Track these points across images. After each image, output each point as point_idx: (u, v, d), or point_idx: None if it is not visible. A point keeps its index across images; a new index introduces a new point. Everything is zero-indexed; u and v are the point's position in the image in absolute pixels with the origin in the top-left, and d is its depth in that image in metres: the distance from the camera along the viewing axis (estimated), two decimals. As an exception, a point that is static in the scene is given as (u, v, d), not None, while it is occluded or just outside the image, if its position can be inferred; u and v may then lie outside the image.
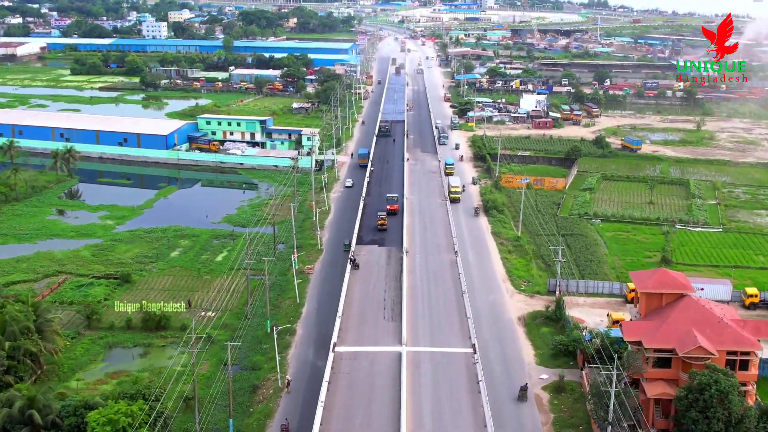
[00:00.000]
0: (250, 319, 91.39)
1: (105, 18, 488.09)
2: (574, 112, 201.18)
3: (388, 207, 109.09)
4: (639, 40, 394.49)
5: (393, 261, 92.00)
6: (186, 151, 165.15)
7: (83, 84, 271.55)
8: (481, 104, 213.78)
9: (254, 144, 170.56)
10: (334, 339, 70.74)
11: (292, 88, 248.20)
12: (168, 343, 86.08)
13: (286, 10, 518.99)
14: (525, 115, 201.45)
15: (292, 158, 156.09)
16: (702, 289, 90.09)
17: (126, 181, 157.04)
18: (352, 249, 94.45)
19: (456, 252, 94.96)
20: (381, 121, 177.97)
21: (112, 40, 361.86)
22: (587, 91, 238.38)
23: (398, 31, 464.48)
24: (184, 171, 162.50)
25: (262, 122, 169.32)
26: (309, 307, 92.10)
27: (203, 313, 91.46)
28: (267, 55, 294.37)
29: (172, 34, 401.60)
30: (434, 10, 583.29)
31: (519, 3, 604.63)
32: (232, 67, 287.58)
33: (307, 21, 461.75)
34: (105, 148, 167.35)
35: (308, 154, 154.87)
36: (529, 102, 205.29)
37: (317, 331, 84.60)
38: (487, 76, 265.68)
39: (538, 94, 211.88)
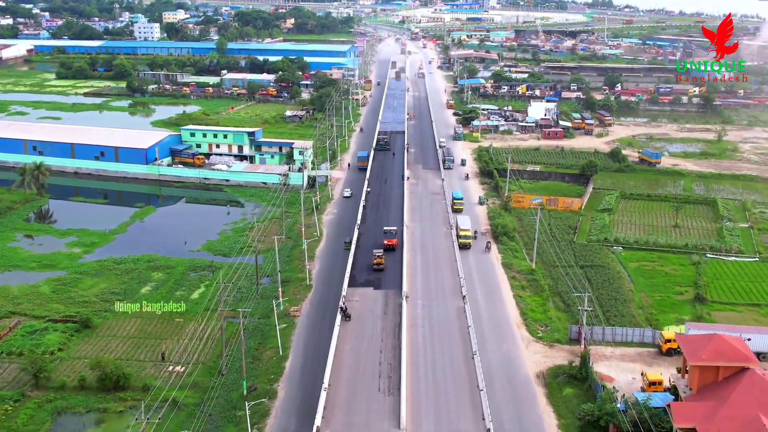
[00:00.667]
0: (225, 375, 78.76)
1: (97, 19, 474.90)
2: (586, 121, 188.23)
3: (386, 242, 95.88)
4: (647, 42, 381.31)
5: (390, 309, 79.16)
6: (168, 165, 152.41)
7: (68, 89, 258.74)
8: (486, 112, 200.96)
9: (242, 158, 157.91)
10: (318, 422, 58.00)
11: (286, 94, 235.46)
12: (127, 408, 73.43)
13: (283, 11, 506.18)
14: (533, 125, 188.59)
15: (282, 175, 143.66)
16: (749, 339, 77.78)
17: (101, 200, 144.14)
18: (343, 294, 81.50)
19: (464, 297, 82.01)
20: (379, 133, 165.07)
21: (102, 42, 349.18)
22: (598, 96, 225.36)
23: (398, 32, 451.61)
24: (165, 188, 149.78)
25: (251, 134, 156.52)
26: (293, 360, 79.37)
27: (171, 368, 78.89)
28: (261, 58, 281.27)
29: (165, 35, 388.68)
30: (435, 10, 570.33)
31: (522, 3, 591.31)
32: (224, 71, 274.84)
33: (305, 22, 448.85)
34: (80, 162, 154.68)
35: (299, 170, 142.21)
36: (537, 110, 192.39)
37: (302, 394, 71.93)
38: (492, 81, 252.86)
39: (547, 101, 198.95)
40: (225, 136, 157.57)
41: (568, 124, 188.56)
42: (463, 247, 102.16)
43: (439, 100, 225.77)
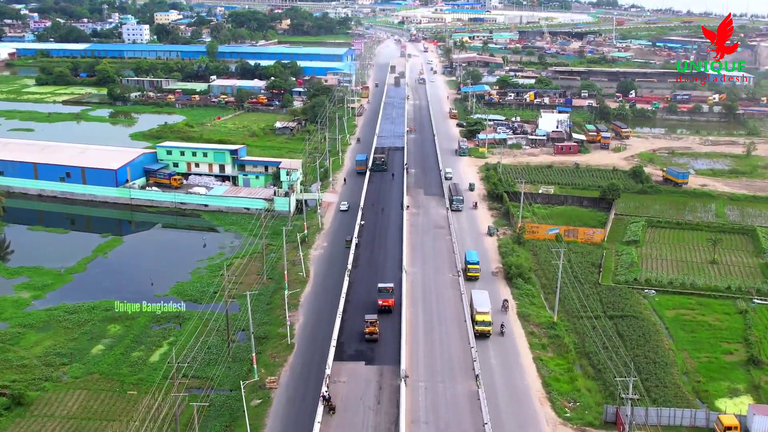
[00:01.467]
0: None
1: (86, 20, 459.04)
2: (602, 134, 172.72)
3: (380, 302, 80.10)
4: (657, 43, 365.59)
5: (386, 396, 63.65)
6: (141, 187, 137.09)
7: (47, 96, 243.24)
8: (492, 123, 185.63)
9: (224, 178, 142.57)
10: None
11: (277, 102, 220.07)
12: None
13: (279, 11, 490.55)
14: (544, 138, 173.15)
15: (267, 199, 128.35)
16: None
17: (62, 230, 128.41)
18: (327, 372, 66.00)
19: (477, 377, 66.56)
20: (375, 150, 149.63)
21: (87, 45, 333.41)
22: (612, 105, 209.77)
23: (398, 33, 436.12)
24: (138, 213, 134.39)
25: (233, 152, 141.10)
26: (266, 457, 64.20)
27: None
28: (252, 63, 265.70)
29: (155, 37, 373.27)
30: (436, 10, 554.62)
31: (525, 2, 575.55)
32: (213, 77, 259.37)
33: (301, 23, 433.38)
34: (44, 184, 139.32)
35: (286, 194, 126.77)
36: (548, 122, 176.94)
37: None
38: (497, 87, 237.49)
39: (559, 112, 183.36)
40: (205, 155, 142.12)
41: (582, 137, 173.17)
42: (480, 335, 78.66)
43: (441, 109, 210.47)
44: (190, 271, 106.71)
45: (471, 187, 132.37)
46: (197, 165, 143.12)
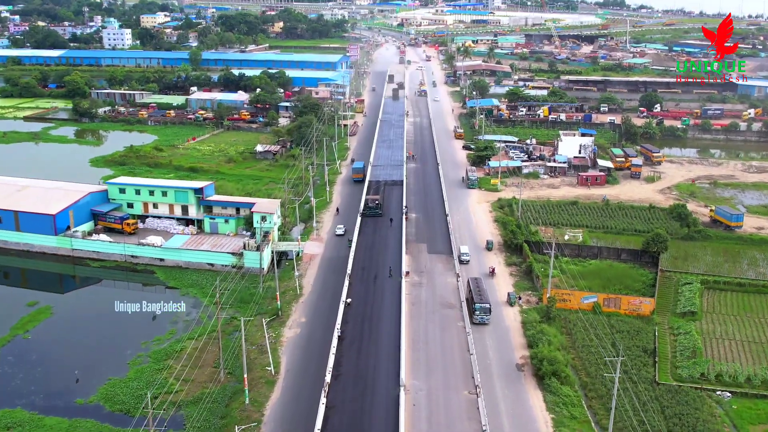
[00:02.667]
0: None
1: (70, 23, 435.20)
2: (632, 161, 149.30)
3: None
4: (674, 48, 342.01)
5: None
6: (88, 233, 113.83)
7: (9, 111, 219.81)
8: (504, 146, 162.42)
9: (188, 222, 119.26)
10: None
11: (261, 119, 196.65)
12: None
13: (272, 13, 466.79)
14: (565, 165, 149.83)
15: (235, 253, 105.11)
16: None
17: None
18: None
19: None
20: (370, 184, 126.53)
21: (62, 52, 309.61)
22: (637, 122, 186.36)
23: (397, 36, 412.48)
24: (81, 266, 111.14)
25: (198, 191, 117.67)
26: None
27: None
28: (237, 72, 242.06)
29: (137, 42, 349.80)
30: (437, 11, 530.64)
31: (530, 3, 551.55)
32: (193, 88, 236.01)
33: (294, 26, 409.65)
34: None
35: (258, 248, 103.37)
36: (570, 146, 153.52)
37: None
38: (506, 100, 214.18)
39: (582, 134, 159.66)
40: (164, 194, 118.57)
41: (609, 164, 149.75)
42: None
43: (444, 127, 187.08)
44: (129, 360, 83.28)
45: (489, 246, 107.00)
46: (155, 206, 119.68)
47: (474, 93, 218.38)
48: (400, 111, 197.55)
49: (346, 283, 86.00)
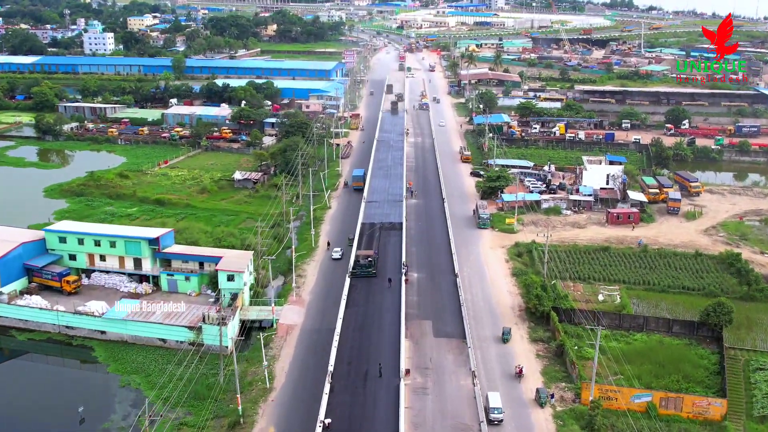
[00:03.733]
0: None
1: (52, 27, 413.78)
2: (669, 194, 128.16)
3: None
4: (692, 53, 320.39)
5: None
6: (13, 297, 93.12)
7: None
8: (519, 174, 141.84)
9: (141, 278, 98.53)
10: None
11: (244, 137, 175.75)
12: None
13: (266, 14, 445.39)
14: (591, 198, 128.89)
15: (192, 327, 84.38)
16: None
17: None
18: None
19: None
20: (362, 229, 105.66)
21: (37, 58, 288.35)
22: (666, 142, 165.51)
23: (397, 39, 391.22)
24: (5, 337, 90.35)
25: (153, 242, 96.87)
26: None
27: None
28: (221, 83, 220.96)
29: (121, 47, 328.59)
30: (438, 12, 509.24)
31: (535, 4, 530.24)
32: (173, 101, 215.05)
33: (288, 29, 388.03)
34: None
35: (223, 321, 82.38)
36: (595, 175, 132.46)
37: None
38: (517, 115, 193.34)
39: (610, 162, 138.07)
40: (113, 244, 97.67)
41: (641, 196, 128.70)
42: None
43: (449, 148, 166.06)
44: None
45: (505, 337, 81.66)
46: (102, 258, 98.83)
47: (481, 106, 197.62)
48: (400, 128, 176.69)
49: (326, 389, 65.01)
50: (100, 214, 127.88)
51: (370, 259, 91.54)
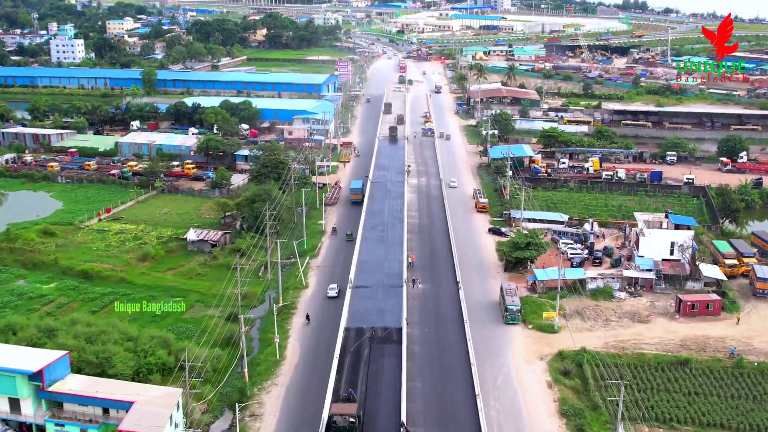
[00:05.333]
0: None
1: (27, 31, 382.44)
2: (756, 273, 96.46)
3: None
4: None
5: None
6: None
7: None
8: (551, 234, 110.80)
9: (20, 426, 67.34)
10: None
11: (211, 174, 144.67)
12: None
13: (256, 18, 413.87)
14: (653, 275, 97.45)
15: None
16: None
17: None
18: None
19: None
20: (343, 347, 74.48)
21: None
22: (714, 178, 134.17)
23: (397, 46, 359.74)
24: None
25: (35, 377, 65.92)
26: None
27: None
28: (191, 103, 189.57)
29: (92, 55, 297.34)
30: (441, 15, 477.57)
31: (543, 5, 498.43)
32: (135, 123, 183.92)
33: (279, 33, 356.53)
34: None
35: None
36: (655, 244, 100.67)
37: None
38: (541, 145, 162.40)
39: (675, 225, 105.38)
40: (-23, 378, 66.63)
41: (717, 272, 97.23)
42: None
43: (460, 193, 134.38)
44: None
45: None
46: (-36, 396, 67.62)
47: (496, 134, 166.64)
48: (399, 163, 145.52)
49: None
50: (3, 294, 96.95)
51: (351, 420, 60.05)
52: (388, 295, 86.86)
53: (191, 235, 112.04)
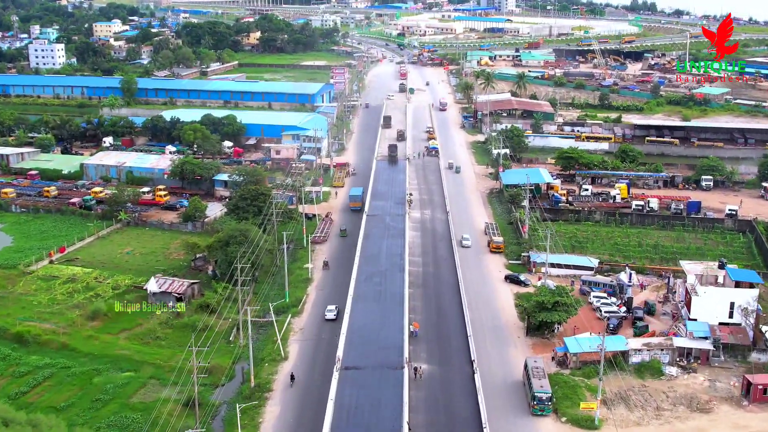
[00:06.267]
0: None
1: (10, 34, 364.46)
2: (837, 341, 79.02)
3: None
4: (746, 68, 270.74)
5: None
6: None
7: None
8: (586, 289, 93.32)
9: None
10: None
11: (185, 202, 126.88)
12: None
13: (250, 20, 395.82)
14: (710, 344, 79.51)
15: None
16: None
17: None
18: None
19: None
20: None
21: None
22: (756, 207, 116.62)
23: (397, 49, 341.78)
24: None
25: None
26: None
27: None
28: (169, 117, 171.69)
29: (74, 61, 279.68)
30: (443, 16, 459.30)
31: (549, 6, 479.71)
32: (107, 139, 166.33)
33: (273, 36, 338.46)
34: None
35: None
36: (708, 307, 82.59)
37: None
38: (559, 167, 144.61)
39: (735, 283, 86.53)
40: None
41: (788, 339, 79.52)
42: None
43: (469, 227, 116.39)
44: None
45: None
46: None
47: (507, 155, 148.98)
48: (399, 190, 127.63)
49: None
50: None
51: None
52: (384, 384, 68.68)
53: (152, 286, 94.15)
